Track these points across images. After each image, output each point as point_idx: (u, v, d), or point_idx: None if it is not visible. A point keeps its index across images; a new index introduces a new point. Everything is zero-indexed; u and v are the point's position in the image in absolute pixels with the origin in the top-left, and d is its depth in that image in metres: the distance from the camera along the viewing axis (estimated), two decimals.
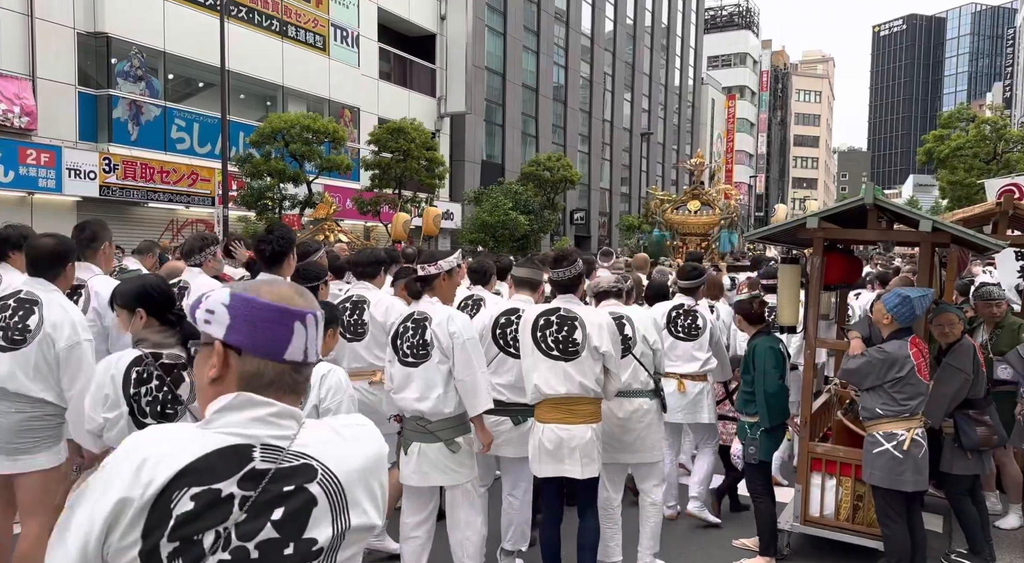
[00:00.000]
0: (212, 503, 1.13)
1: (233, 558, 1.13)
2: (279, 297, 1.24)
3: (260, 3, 20.30)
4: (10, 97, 14.87)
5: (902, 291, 3.84)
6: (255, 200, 16.45)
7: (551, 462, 3.56)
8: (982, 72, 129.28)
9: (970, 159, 28.80)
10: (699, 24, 56.10)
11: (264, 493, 1.15)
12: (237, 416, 1.19)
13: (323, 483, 1.19)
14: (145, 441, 1.17)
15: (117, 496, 1.11)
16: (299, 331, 1.24)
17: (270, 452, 1.18)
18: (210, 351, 1.23)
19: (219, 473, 1.14)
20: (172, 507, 1.11)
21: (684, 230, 13.22)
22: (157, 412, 2.66)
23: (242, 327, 1.21)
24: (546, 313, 3.65)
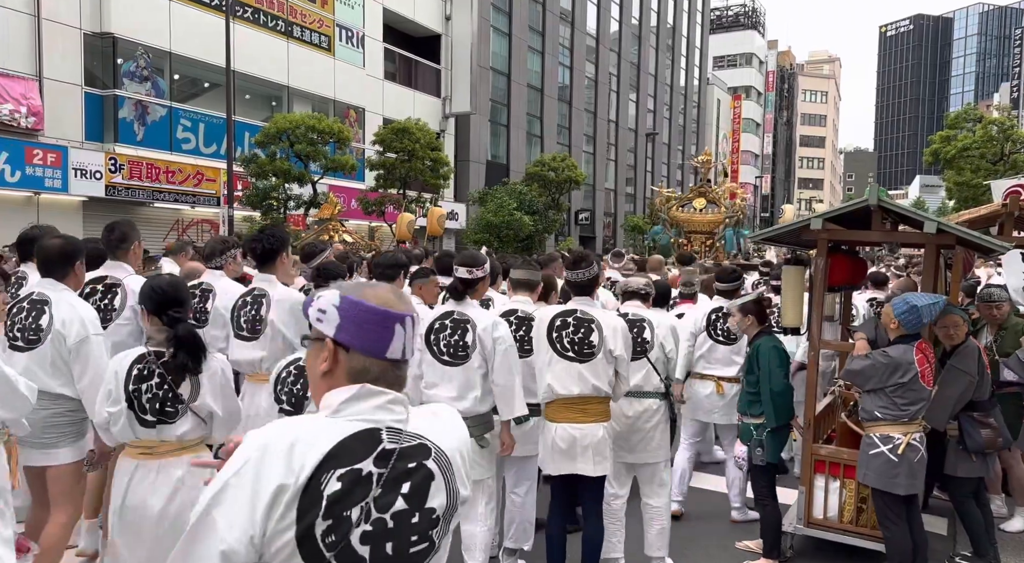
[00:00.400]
0: (356, 481, 1.28)
1: (374, 529, 1.28)
2: (382, 301, 1.38)
3: (265, 3, 20.34)
4: (17, 97, 14.94)
5: (911, 298, 3.81)
6: (260, 200, 16.49)
7: (564, 460, 3.63)
8: (989, 72, 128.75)
9: (977, 160, 28.68)
10: (705, 24, 56.00)
11: (393, 470, 1.31)
12: (363, 405, 1.34)
13: (436, 459, 1.38)
14: (285, 431, 1.30)
15: (276, 483, 1.24)
16: (399, 332, 1.38)
17: (393, 434, 1.34)
18: (321, 346, 1.39)
19: (358, 454, 1.30)
20: (322, 489, 1.25)
21: (689, 228, 13.21)
22: (156, 410, 2.70)
23: (350, 327, 1.36)
24: (563, 314, 3.71)
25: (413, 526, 1.33)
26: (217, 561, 1.22)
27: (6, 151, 14.76)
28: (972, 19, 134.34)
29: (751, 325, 4.38)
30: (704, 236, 13.02)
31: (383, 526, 1.29)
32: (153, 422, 2.69)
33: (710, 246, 12.77)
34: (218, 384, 2.78)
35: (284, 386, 3.16)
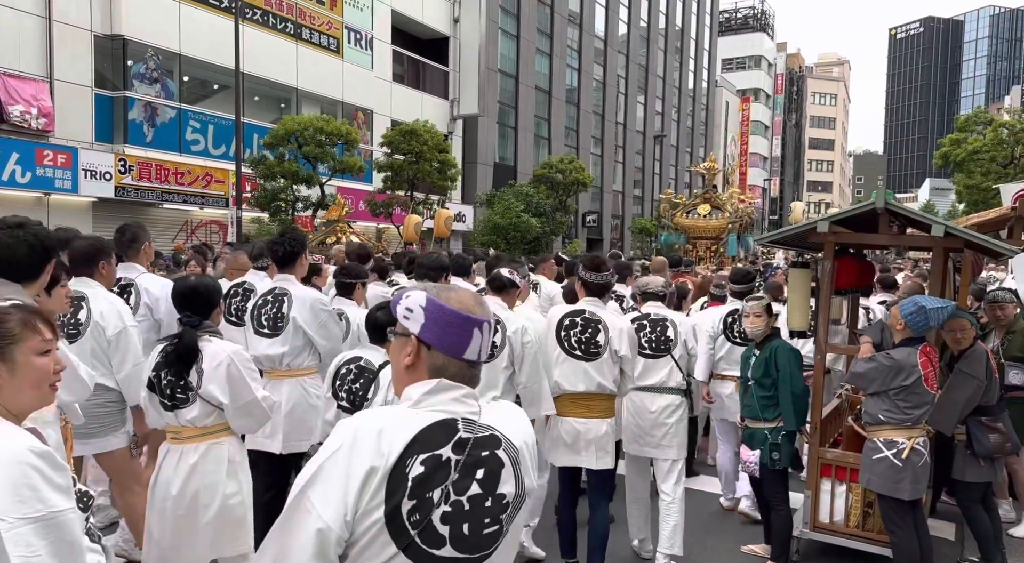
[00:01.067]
0: (437, 466, 1.40)
1: (452, 509, 1.40)
2: (464, 306, 1.49)
3: (275, 6, 20.43)
4: (27, 99, 15.04)
5: (920, 300, 3.80)
6: (268, 202, 16.55)
7: (568, 453, 3.84)
8: (1000, 75, 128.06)
9: (987, 163, 28.51)
10: (713, 27, 55.91)
11: (469, 457, 1.42)
12: (441, 397, 1.46)
13: (506, 449, 1.48)
14: (366, 422, 1.42)
15: (368, 465, 1.36)
16: (476, 336, 1.49)
17: (468, 425, 1.45)
18: (405, 341, 1.50)
19: (438, 441, 1.41)
20: (407, 471, 1.37)
21: (694, 233, 13.22)
22: (170, 395, 2.94)
23: (434, 328, 1.47)
24: (571, 314, 3.90)
25: (486, 509, 1.44)
26: (313, 538, 1.33)
27: (17, 152, 14.86)
28: (983, 21, 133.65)
29: (767, 327, 4.34)
30: (709, 241, 13.09)
31: (460, 508, 1.41)
32: (171, 406, 2.95)
33: (715, 251, 12.79)
34: (223, 375, 2.88)
35: (344, 383, 3.26)
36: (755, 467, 4.26)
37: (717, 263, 12.14)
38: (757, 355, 4.30)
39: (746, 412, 4.36)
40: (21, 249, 2.52)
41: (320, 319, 3.99)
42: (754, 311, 4.31)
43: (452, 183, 20.78)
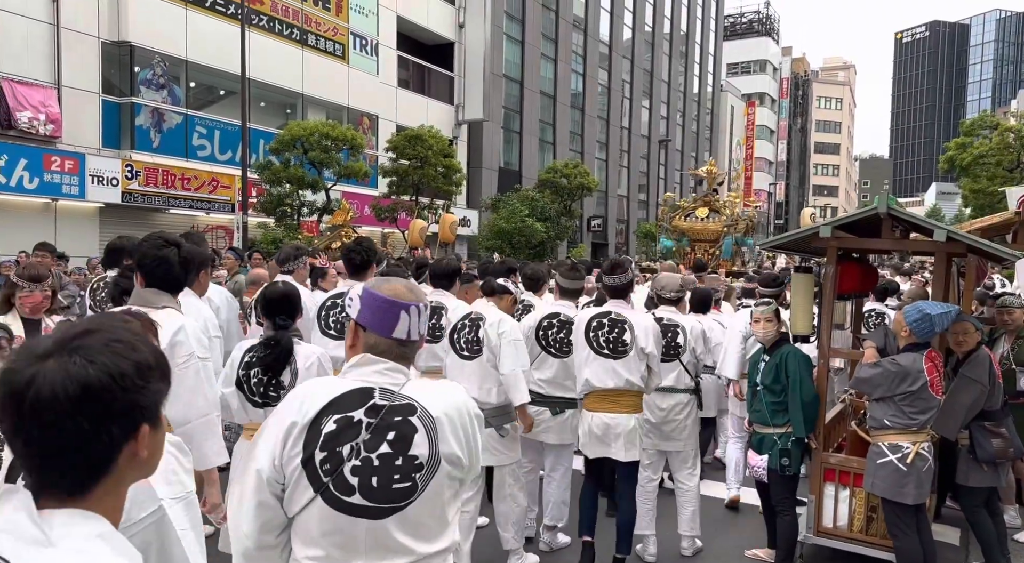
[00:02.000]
0: (348, 425, 1.64)
1: (362, 464, 1.63)
2: (394, 293, 1.74)
3: (281, 12, 20.53)
4: (36, 105, 15.14)
5: (924, 306, 3.80)
6: (274, 207, 16.63)
7: (599, 445, 4.11)
8: (1006, 79, 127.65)
9: (993, 167, 28.37)
10: (718, 31, 55.90)
11: (382, 421, 1.65)
12: (364, 369, 1.72)
13: (421, 417, 1.68)
14: (302, 388, 1.75)
15: (289, 420, 1.65)
16: (403, 317, 1.73)
17: (385, 394, 1.69)
18: (350, 326, 1.78)
19: (352, 405, 1.66)
20: (321, 427, 1.64)
21: (693, 237, 13.30)
22: (261, 393, 3.17)
23: (367, 312, 1.74)
24: (599, 316, 4.16)
25: (396, 467, 1.64)
26: (254, 478, 1.66)
27: (25, 158, 14.96)
28: (989, 25, 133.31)
29: (776, 332, 4.33)
30: (708, 244, 13.22)
31: (370, 463, 1.63)
32: (261, 404, 3.16)
33: (713, 254, 12.90)
34: (315, 375, 3.11)
35: None
36: (763, 472, 4.24)
37: (714, 266, 12.22)
38: (767, 360, 4.28)
39: (755, 417, 4.34)
40: (176, 266, 2.90)
41: None
42: (764, 316, 4.31)
43: (457, 188, 20.84)
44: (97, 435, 0.97)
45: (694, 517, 4.58)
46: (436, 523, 1.70)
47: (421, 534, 1.68)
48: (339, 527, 1.63)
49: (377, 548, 1.65)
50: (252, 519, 1.66)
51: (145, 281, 2.88)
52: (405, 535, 1.65)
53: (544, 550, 4.56)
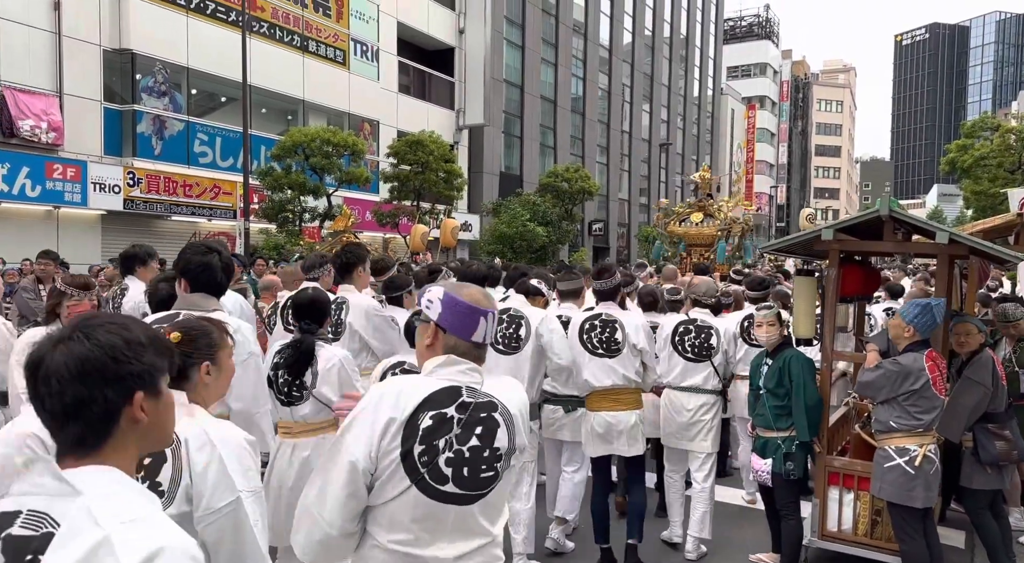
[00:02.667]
0: (442, 421, 1.80)
1: (455, 456, 1.80)
2: (473, 299, 1.89)
3: (281, 19, 20.59)
4: (38, 113, 15.18)
5: (920, 302, 3.81)
6: (276, 213, 16.65)
7: (602, 443, 4.30)
8: (1007, 80, 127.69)
9: (994, 168, 28.34)
10: (718, 35, 55.98)
11: (470, 416, 1.83)
12: (450, 369, 1.87)
13: (502, 413, 1.88)
14: (391, 386, 1.86)
15: (388, 416, 1.78)
16: (482, 323, 1.89)
17: (471, 391, 1.85)
18: (427, 326, 1.91)
19: (444, 402, 1.82)
20: (419, 423, 1.79)
21: (688, 241, 13.55)
22: (286, 392, 3.30)
23: (448, 315, 1.87)
24: (590, 318, 4.37)
25: (484, 458, 1.83)
26: (346, 469, 1.76)
27: (27, 166, 15.00)
28: (989, 27, 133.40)
29: (779, 335, 4.33)
30: (703, 248, 13.48)
31: (462, 455, 1.81)
32: (286, 402, 3.30)
33: (708, 258, 13.13)
34: (335, 377, 3.26)
35: None
36: (767, 476, 4.22)
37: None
38: (770, 364, 4.26)
39: (758, 421, 4.32)
40: (219, 271, 3.06)
41: (373, 324, 4.41)
42: (767, 320, 4.29)
43: (458, 193, 20.85)
44: (93, 398, 1.17)
45: (704, 518, 4.67)
46: (502, 506, 1.97)
47: (493, 517, 1.91)
48: (431, 513, 1.80)
49: (461, 531, 1.84)
50: (340, 508, 1.78)
51: (191, 286, 3.02)
52: (485, 519, 1.87)
53: (550, 548, 4.62)
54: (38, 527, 1.13)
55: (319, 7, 21.83)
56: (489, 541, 1.88)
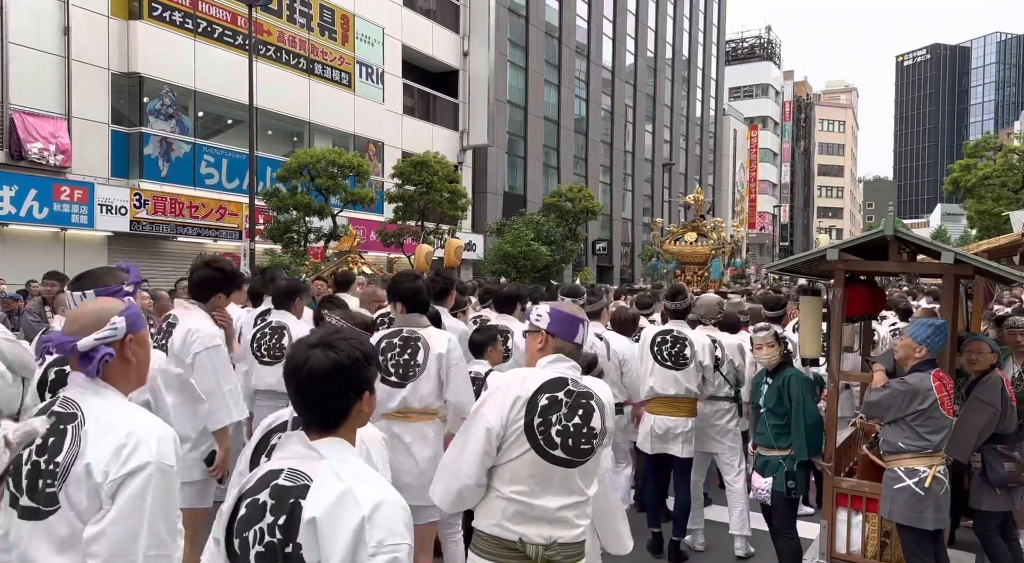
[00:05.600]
0: (555, 402, 2.39)
1: (563, 429, 2.37)
2: (572, 311, 2.55)
3: (288, 42, 20.81)
4: (46, 136, 15.32)
5: (928, 322, 3.80)
6: (281, 233, 16.71)
7: (660, 443, 4.89)
8: (1009, 101, 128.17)
9: (998, 188, 28.40)
10: (720, 56, 56.40)
11: (575, 401, 2.40)
12: (559, 365, 2.47)
13: (596, 402, 2.45)
14: (520, 372, 2.52)
15: (516, 394, 2.38)
16: (581, 328, 2.53)
17: (575, 383, 2.44)
18: (537, 334, 2.54)
19: (557, 388, 2.41)
20: (538, 402, 2.38)
21: (683, 259, 14.16)
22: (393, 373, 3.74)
23: (556, 324, 2.51)
24: (663, 333, 5.02)
25: (584, 434, 2.39)
26: (484, 433, 2.35)
27: (35, 188, 15.11)
28: (990, 48, 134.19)
29: (779, 356, 4.33)
30: (697, 266, 14.08)
31: (568, 429, 2.37)
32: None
33: (701, 276, 13.80)
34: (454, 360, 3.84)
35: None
36: (767, 494, 4.21)
37: (702, 287, 12.81)
38: (770, 383, 4.27)
39: (759, 440, 4.32)
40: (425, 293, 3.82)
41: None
42: (766, 341, 4.30)
43: (462, 213, 20.93)
44: (343, 394, 1.66)
45: (743, 516, 5.01)
46: (595, 475, 2.52)
47: (588, 482, 2.45)
48: (543, 471, 2.35)
49: (564, 488, 2.38)
50: (477, 464, 2.35)
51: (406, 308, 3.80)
52: (582, 481, 2.42)
53: None
54: (296, 480, 1.57)
55: (325, 30, 22.07)
56: (584, 499, 2.44)
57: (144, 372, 2.02)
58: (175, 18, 17.71)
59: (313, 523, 1.49)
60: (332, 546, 1.47)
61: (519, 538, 2.34)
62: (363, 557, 1.48)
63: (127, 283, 2.85)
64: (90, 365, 1.85)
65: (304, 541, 1.50)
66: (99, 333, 1.86)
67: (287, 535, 1.52)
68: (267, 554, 1.53)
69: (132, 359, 1.94)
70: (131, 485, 1.71)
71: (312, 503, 1.51)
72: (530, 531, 2.35)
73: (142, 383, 2.05)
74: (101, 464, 1.72)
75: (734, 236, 14.85)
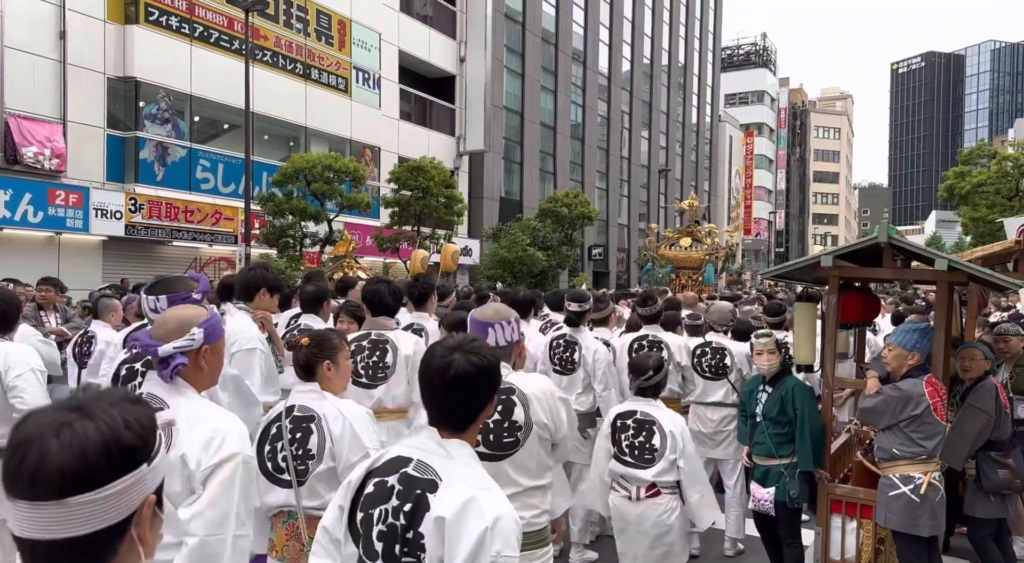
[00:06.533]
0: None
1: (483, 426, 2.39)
2: (484, 316, 2.60)
3: (284, 47, 20.82)
4: (41, 140, 15.29)
5: (915, 326, 3.82)
6: (277, 238, 16.68)
7: None
8: (1003, 108, 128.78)
9: (992, 195, 28.52)
10: (716, 63, 56.60)
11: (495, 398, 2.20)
12: None
13: (519, 396, 2.52)
14: None
15: None
16: (491, 331, 2.56)
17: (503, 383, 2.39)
18: None
19: None
20: None
21: (677, 264, 14.34)
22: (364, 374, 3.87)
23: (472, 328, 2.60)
24: (638, 339, 5.28)
25: (505, 428, 2.48)
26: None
27: (30, 192, 15.06)
28: (984, 56, 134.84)
29: (780, 363, 4.30)
30: (691, 271, 14.43)
31: (487, 425, 2.45)
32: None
33: (695, 280, 14.13)
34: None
35: None
36: (770, 505, 4.17)
37: (697, 291, 13.03)
38: (770, 392, 4.23)
39: (757, 449, 4.26)
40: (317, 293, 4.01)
41: None
42: (766, 348, 4.27)
43: (458, 218, 20.93)
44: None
45: (739, 520, 5.14)
46: (537, 467, 2.54)
47: (526, 472, 2.50)
48: None
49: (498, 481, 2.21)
50: None
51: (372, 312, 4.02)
52: (515, 472, 2.48)
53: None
54: (424, 472, 1.70)
55: (322, 36, 22.09)
56: (520, 490, 2.49)
57: (216, 376, 2.25)
58: (172, 23, 17.71)
59: (441, 522, 1.63)
60: (457, 548, 1.61)
61: None
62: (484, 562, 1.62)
63: (196, 292, 3.00)
64: (165, 370, 2.06)
65: (427, 532, 1.64)
66: (178, 342, 2.07)
67: (411, 522, 1.66)
68: (388, 534, 1.69)
69: (205, 367, 2.15)
70: (221, 473, 1.97)
71: (440, 502, 1.65)
72: None
73: (213, 385, 2.30)
74: (194, 454, 1.96)
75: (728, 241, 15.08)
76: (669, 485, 3.60)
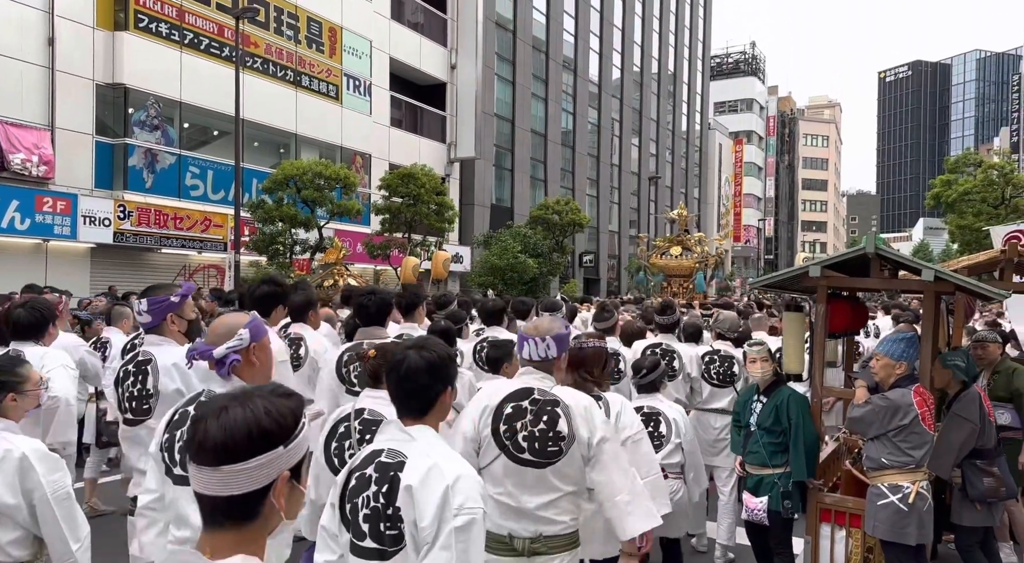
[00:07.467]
0: (519, 410, 2.63)
1: (528, 434, 2.60)
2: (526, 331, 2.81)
3: (275, 54, 20.79)
4: (29, 147, 15.19)
5: (902, 336, 3.85)
6: (267, 245, 16.63)
7: None
8: (988, 117, 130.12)
9: (978, 203, 28.76)
10: (705, 71, 56.95)
11: (540, 408, 2.62)
12: (526, 377, 2.73)
13: (562, 408, 2.63)
14: (487, 387, 2.86)
15: (483, 405, 2.68)
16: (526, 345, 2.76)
17: (541, 391, 2.66)
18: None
19: (521, 398, 2.66)
20: (503, 411, 2.64)
21: (668, 272, 14.69)
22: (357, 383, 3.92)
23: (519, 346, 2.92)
24: (652, 347, 5.30)
25: (549, 438, 2.59)
26: (461, 439, 2.66)
27: (16, 199, 14.96)
28: (970, 65, 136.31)
29: (773, 372, 4.31)
30: (682, 279, 14.58)
31: (533, 434, 2.60)
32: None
33: (686, 288, 14.28)
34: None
35: None
36: (763, 514, 4.16)
37: (688, 298, 13.19)
38: (764, 402, 4.23)
39: (751, 459, 4.25)
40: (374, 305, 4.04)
41: None
42: (760, 356, 4.27)
43: (449, 225, 20.93)
44: (432, 386, 2.08)
45: (731, 528, 5.09)
46: (577, 474, 2.65)
47: (566, 479, 2.62)
48: (517, 473, 2.59)
49: (540, 487, 2.60)
50: None
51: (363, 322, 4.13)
52: (557, 480, 2.60)
53: None
54: (394, 457, 1.98)
55: (312, 43, 22.09)
56: (561, 495, 2.61)
57: (268, 371, 2.46)
58: (161, 29, 17.67)
59: (409, 490, 1.89)
60: (424, 507, 1.86)
61: (508, 533, 2.61)
62: (448, 516, 1.85)
63: (175, 294, 3.31)
64: (223, 369, 2.31)
65: (402, 504, 1.90)
66: (230, 343, 2.33)
67: (388, 499, 1.92)
68: (372, 515, 1.95)
69: (256, 362, 2.39)
70: None
71: (407, 474, 1.91)
72: (517, 527, 2.61)
73: (267, 380, 2.43)
74: None
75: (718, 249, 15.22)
76: (675, 469, 4.02)
